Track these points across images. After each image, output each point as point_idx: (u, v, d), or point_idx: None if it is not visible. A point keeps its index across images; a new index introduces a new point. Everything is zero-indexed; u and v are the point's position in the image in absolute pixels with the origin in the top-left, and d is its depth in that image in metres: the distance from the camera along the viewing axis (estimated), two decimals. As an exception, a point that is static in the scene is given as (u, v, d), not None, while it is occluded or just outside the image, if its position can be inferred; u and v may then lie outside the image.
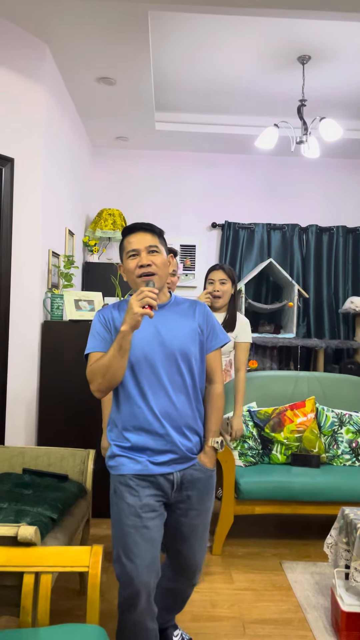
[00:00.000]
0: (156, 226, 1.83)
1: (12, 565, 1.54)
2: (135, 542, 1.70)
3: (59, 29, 3.09)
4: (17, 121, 3.14)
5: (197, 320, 1.83)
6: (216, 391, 1.89)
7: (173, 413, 1.74)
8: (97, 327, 1.81)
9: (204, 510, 1.84)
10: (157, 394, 1.73)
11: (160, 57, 3.71)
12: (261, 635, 2.23)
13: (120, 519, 1.73)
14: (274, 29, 3.32)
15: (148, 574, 1.69)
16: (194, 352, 1.79)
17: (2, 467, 2.62)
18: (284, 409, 3.27)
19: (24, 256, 3.19)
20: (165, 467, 1.74)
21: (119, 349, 1.64)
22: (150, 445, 1.73)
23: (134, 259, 1.76)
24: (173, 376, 1.75)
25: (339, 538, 2.33)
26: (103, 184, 5.33)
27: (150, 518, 1.72)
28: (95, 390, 1.73)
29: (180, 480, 1.77)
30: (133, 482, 1.73)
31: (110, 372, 1.68)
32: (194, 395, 1.80)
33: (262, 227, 5.29)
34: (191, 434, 1.79)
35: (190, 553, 1.86)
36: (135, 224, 1.81)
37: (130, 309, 1.60)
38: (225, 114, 4.75)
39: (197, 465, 1.80)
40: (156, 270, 1.75)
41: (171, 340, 1.75)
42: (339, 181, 5.45)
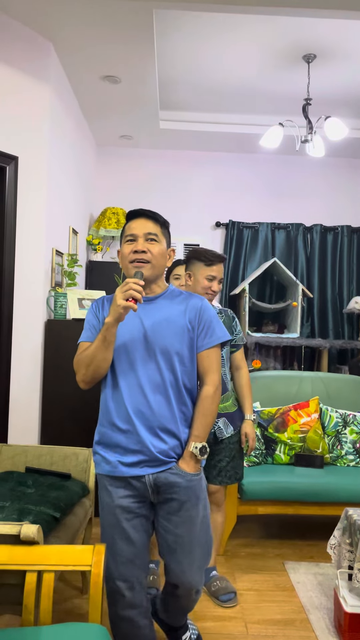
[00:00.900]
0: (161, 216, 1.76)
1: (14, 564, 1.54)
2: (113, 539, 1.71)
3: (64, 28, 3.08)
4: (21, 119, 3.14)
5: (188, 315, 1.73)
6: (205, 392, 1.74)
7: (147, 412, 1.66)
8: (89, 317, 1.78)
9: (187, 519, 1.71)
10: (132, 391, 1.67)
11: (164, 55, 3.70)
12: (264, 636, 2.22)
13: (101, 515, 1.76)
14: (280, 27, 3.31)
15: (128, 569, 1.70)
16: (179, 350, 1.69)
17: (5, 465, 2.62)
18: (288, 409, 3.26)
19: (27, 255, 3.19)
20: (135, 468, 1.68)
21: (103, 340, 1.61)
22: (120, 442, 1.68)
23: (130, 244, 1.71)
24: (151, 373, 1.67)
25: (342, 539, 2.31)
26: (107, 182, 5.32)
27: (126, 519, 1.69)
28: (80, 380, 1.70)
29: (154, 483, 1.69)
30: (107, 481, 1.72)
31: (94, 363, 1.64)
32: (176, 396, 1.69)
33: (266, 227, 5.27)
34: (167, 436, 1.68)
35: (178, 568, 1.74)
36: (140, 209, 1.75)
37: (115, 300, 1.57)
38: (229, 113, 4.74)
39: (174, 469, 1.69)
40: (151, 259, 1.69)
41: (154, 336, 1.68)
42: (344, 180, 5.43)
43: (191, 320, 1.73)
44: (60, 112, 3.60)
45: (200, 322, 1.74)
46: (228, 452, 2.49)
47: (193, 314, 1.74)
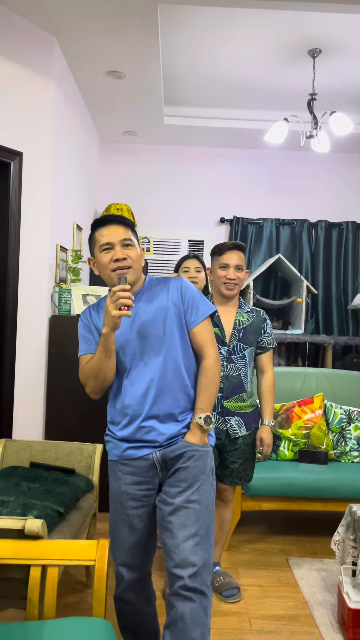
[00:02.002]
0: (127, 219, 1.78)
1: (19, 558, 1.55)
2: (117, 524, 1.75)
3: (68, 23, 3.08)
4: (25, 115, 3.14)
5: (171, 297, 1.76)
6: (205, 365, 1.76)
7: (153, 401, 1.70)
8: (81, 330, 1.82)
9: (187, 488, 1.66)
10: (135, 382, 1.71)
11: (169, 50, 3.69)
12: (267, 631, 2.23)
13: (109, 501, 1.80)
14: (285, 22, 3.29)
15: (129, 555, 1.74)
16: (169, 333, 1.72)
17: (10, 460, 2.63)
18: (292, 406, 3.26)
19: (32, 250, 3.20)
20: (141, 450, 1.73)
21: (104, 351, 1.65)
22: (130, 430, 1.72)
23: (107, 253, 1.71)
24: (150, 364, 1.71)
25: (346, 535, 2.31)
26: (111, 178, 5.32)
27: (131, 507, 1.72)
28: (90, 392, 1.76)
29: (161, 458, 1.71)
30: (117, 467, 1.76)
31: (101, 375, 1.69)
32: (178, 380, 1.73)
33: (270, 223, 5.26)
34: (174, 421, 1.73)
35: (172, 544, 1.61)
36: (107, 216, 1.76)
37: (107, 312, 1.59)
38: (234, 108, 4.72)
39: (180, 442, 1.72)
40: (132, 264, 1.71)
41: (147, 329, 1.72)
42: (349, 176, 5.40)
43: (174, 301, 1.76)
44: (65, 108, 3.60)
45: (184, 300, 1.77)
46: (241, 454, 2.47)
47: (175, 294, 1.76)
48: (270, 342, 2.54)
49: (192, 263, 2.99)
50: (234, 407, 2.43)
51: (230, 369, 2.42)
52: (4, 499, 2.10)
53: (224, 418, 2.40)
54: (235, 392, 2.42)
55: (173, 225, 5.34)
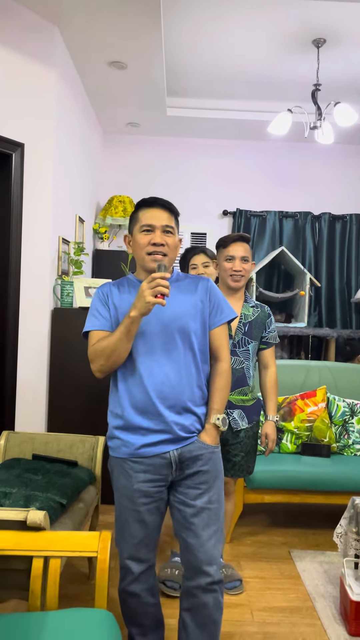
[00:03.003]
0: (174, 206, 1.77)
1: (21, 550, 1.55)
2: (127, 521, 1.73)
3: (70, 12, 3.05)
4: (27, 106, 3.12)
5: (200, 295, 1.77)
6: (221, 368, 1.80)
7: (168, 393, 1.69)
8: (96, 304, 1.77)
9: (207, 491, 1.72)
10: (152, 373, 1.69)
11: (172, 41, 3.65)
12: (269, 623, 2.23)
13: (116, 496, 1.77)
14: (289, 12, 3.25)
15: (138, 550, 1.73)
16: (194, 329, 1.73)
17: (12, 452, 2.63)
18: (295, 399, 3.25)
19: (34, 243, 3.18)
20: (157, 447, 1.69)
21: (127, 333, 1.61)
22: (143, 424, 1.69)
23: (147, 235, 1.70)
24: (171, 354, 1.70)
25: (348, 528, 2.31)
26: (114, 170, 5.29)
27: (143, 503, 1.71)
28: (97, 370, 1.70)
29: (179, 458, 1.70)
30: (127, 465, 1.72)
31: (115, 356, 1.66)
32: (195, 374, 1.74)
33: (274, 215, 5.23)
34: (188, 413, 1.73)
35: (196, 542, 1.71)
36: (155, 198, 1.74)
37: (142, 296, 1.56)
38: (237, 99, 4.68)
39: (196, 442, 1.73)
40: (167, 252, 1.70)
41: (170, 318, 1.70)
42: (353, 168, 5.36)
43: (202, 300, 1.76)
44: (67, 99, 3.57)
45: (211, 300, 1.78)
46: (243, 447, 2.48)
47: (203, 293, 1.77)
48: (274, 338, 2.56)
49: (199, 259, 2.90)
50: (236, 400, 2.43)
51: (234, 362, 2.42)
52: (7, 490, 2.10)
53: (226, 411, 2.40)
54: (237, 385, 2.42)
55: (176, 218, 5.30)
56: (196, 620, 1.75)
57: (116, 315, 1.73)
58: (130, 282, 1.80)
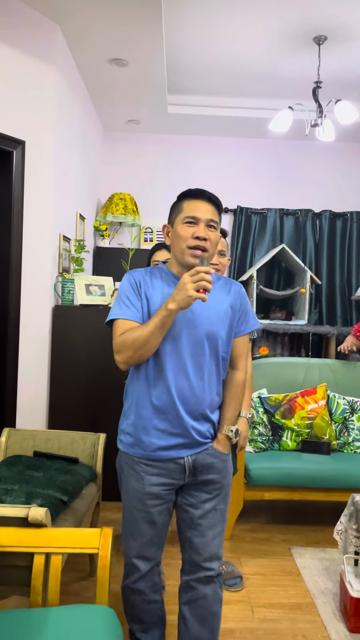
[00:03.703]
0: (220, 200, 1.70)
1: (22, 546, 1.55)
2: (137, 521, 1.71)
3: (71, 9, 3.04)
4: (28, 103, 3.11)
5: (231, 300, 1.71)
6: (238, 378, 1.77)
7: (189, 397, 1.64)
8: (127, 291, 1.66)
9: (217, 495, 1.74)
10: (177, 375, 1.63)
11: (172, 38, 3.64)
12: (269, 619, 2.24)
13: (125, 496, 1.74)
14: (290, 9, 3.24)
15: (147, 550, 1.73)
16: (222, 334, 1.67)
17: (14, 449, 2.64)
18: (295, 396, 3.26)
19: (35, 240, 3.19)
20: (173, 451, 1.67)
21: (161, 326, 1.54)
22: (161, 426, 1.65)
23: (190, 227, 1.62)
24: (197, 358, 1.64)
25: (348, 525, 2.32)
26: (114, 168, 5.29)
27: (153, 505, 1.68)
28: (122, 362, 1.62)
29: (193, 465, 1.68)
30: (139, 467, 1.68)
31: (145, 349, 1.57)
32: (216, 381, 1.70)
33: (274, 213, 5.22)
34: (204, 420, 1.70)
35: (201, 541, 1.74)
36: (203, 190, 1.66)
37: (184, 289, 1.48)
38: (238, 97, 4.67)
39: (210, 450, 1.71)
40: (209, 247, 1.63)
41: (200, 320, 1.64)
42: (354, 166, 5.35)
43: (233, 305, 1.71)
44: (67, 96, 3.57)
45: (240, 308, 1.74)
46: None
47: (235, 299, 1.73)
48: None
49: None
50: None
51: None
52: (8, 487, 2.11)
53: None
54: None
55: (176, 215, 5.30)
56: (195, 613, 1.77)
57: (147, 307, 1.64)
58: (163, 274, 1.71)
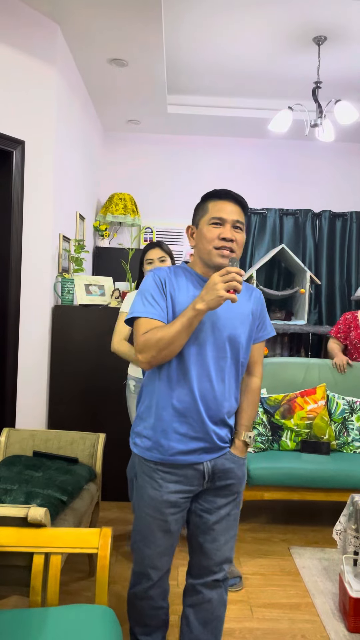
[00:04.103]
0: (246, 201, 1.66)
1: (22, 546, 1.55)
2: (152, 530, 1.66)
3: (71, 9, 3.04)
4: (28, 103, 3.11)
5: (252, 305, 1.70)
6: (255, 384, 1.77)
7: (212, 400, 1.61)
8: (151, 289, 1.61)
9: (232, 500, 1.72)
10: (200, 377, 1.60)
11: (172, 38, 3.65)
12: (269, 619, 2.24)
13: (139, 504, 1.68)
14: (289, 9, 3.24)
15: (161, 559, 1.69)
16: (243, 339, 1.65)
17: (13, 449, 2.64)
18: (295, 396, 3.26)
19: (34, 240, 3.19)
20: (193, 455, 1.62)
21: (188, 326, 1.50)
22: (181, 429, 1.60)
23: (216, 228, 1.58)
24: (219, 361, 1.62)
25: (348, 525, 2.32)
26: (114, 168, 5.29)
27: (170, 514, 1.64)
28: (145, 362, 1.56)
29: (212, 470, 1.65)
30: (157, 474, 1.63)
31: (170, 349, 1.52)
32: (234, 386, 1.67)
33: (274, 213, 5.23)
34: (224, 424, 1.67)
35: (213, 546, 1.71)
36: (228, 191, 1.63)
37: (214, 289, 1.44)
38: (238, 97, 4.67)
39: (228, 455, 1.68)
40: (236, 248, 1.59)
41: (222, 322, 1.61)
42: (354, 166, 5.36)
43: (254, 311, 1.70)
44: (67, 96, 3.57)
45: (260, 314, 1.73)
46: None
47: (255, 305, 1.72)
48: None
49: (155, 253, 2.77)
50: None
51: None
52: (8, 487, 2.11)
53: None
54: None
55: (176, 215, 5.31)
56: (199, 616, 1.76)
57: (172, 307, 1.60)
58: (188, 274, 1.67)
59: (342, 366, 3.43)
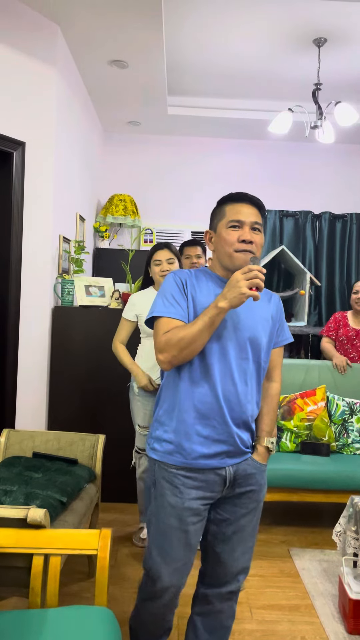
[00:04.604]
0: (262, 202, 1.66)
1: (22, 547, 1.55)
2: (171, 543, 1.58)
3: (71, 11, 3.05)
4: (28, 104, 3.12)
5: (271, 309, 1.69)
6: (275, 390, 1.76)
7: (235, 402, 1.58)
8: (172, 290, 1.60)
9: (253, 509, 1.67)
10: (224, 379, 1.57)
11: (173, 39, 3.65)
12: (268, 621, 2.24)
13: (158, 514, 1.60)
14: (290, 11, 3.25)
15: (179, 576, 1.60)
16: (264, 341, 1.64)
17: (13, 450, 2.64)
18: (294, 397, 3.26)
19: (34, 241, 3.19)
20: (216, 459, 1.58)
21: (210, 324, 1.48)
22: (204, 432, 1.57)
23: (235, 231, 1.58)
24: (241, 362, 1.59)
25: (347, 526, 2.32)
26: (114, 169, 5.29)
27: (192, 523, 1.58)
28: (166, 362, 1.55)
29: (234, 476, 1.61)
30: (178, 480, 1.57)
31: (192, 348, 1.51)
32: (256, 390, 1.65)
33: (274, 214, 5.23)
34: (246, 428, 1.64)
35: (230, 557, 1.67)
36: (245, 193, 1.63)
37: (236, 286, 1.44)
38: (238, 98, 4.68)
39: (250, 461, 1.65)
40: (255, 250, 1.58)
41: (245, 324, 1.60)
42: (354, 167, 5.36)
43: (273, 315, 1.70)
44: (68, 98, 3.57)
45: (279, 319, 1.73)
46: None
47: (275, 309, 1.71)
48: None
49: (163, 254, 2.74)
50: None
51: None
52: (7, 488, 2.11)
53: None
54: None
55: (176, 216, 5.32)
56: (207, 625, 1.74)
57: (193, 308, 1.59)
58: (208, 275, 1.66)
59: (343, 367, 3.43)
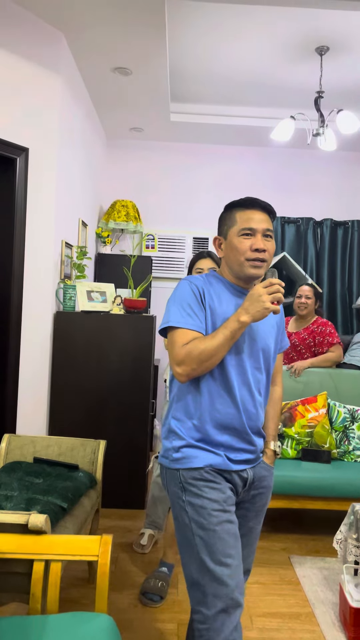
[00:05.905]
0: (272, 207, 1.62)
1: (22, 553, 1.55)
2: (225, 541, 1.48)
3: (76, 18, 3.07)
4: (32, 110, 3.14)
5: (275, 316, 1.70)
6: (277, 394, 1.80)
7: (253, 412, 1.60)
8: (189, 299, 1.56)
9: (261, 511, 1.71)
10: (241, 387, 1.57)
11: (176, 47, 3.68)
12: (268, 629, 2.23)
13: (198, 522, 1.50)
14: (292, 19, 3.27)
15: (239, 576, 1.49)
16: (272, 350, 1.66)
17: (14, 455, 2.64)
18: (295, 404, 3.26)
19: (37, 246, 3.20)
20: (239, 465, 1.59)
21: (231, 338, 1.47)
22: (228, 441, 1.56)
23: (247, 239, 1.54)
24: (255, 372, 1.61)
25: (348, 534, 2.31)
26: (117, 175, 5.32)
27: (233, 512, 1.56)
28: (184, 375, 1.51)
29: (252, 478, 1.63)
30: (210, 475, 1.54)
31: (212, 361, 1.49)
32: (265, 396, 1.67)
33: (276, 221, 5.24)
34: (259, 434, 1.67)
35: None
36: (255, 199, 1.58)
37: (259, 301, 1.45)
38: (241, 106, 4.70)
39: (262, 463, 1.68)
40: (267, 258, 1.57)
41: (256, 333, 1.61)
42: (355, 175, 5.38)
43: (277, 322, 1.72)
44: (71, 104, 3.60)
45: (281, 325, 1.75)
46: None
47: (279, 316, 1.73)
48: None
49: (205, 263, 2.67)
50: None
51: None
52: (8, 493, 2.11)
53: None
54: None
55: (178, 223, 5.33)
56: None
57: (211, 318, 1.56)
58: (220, 282, 1.63)
59: (299, 371, 3.49)
